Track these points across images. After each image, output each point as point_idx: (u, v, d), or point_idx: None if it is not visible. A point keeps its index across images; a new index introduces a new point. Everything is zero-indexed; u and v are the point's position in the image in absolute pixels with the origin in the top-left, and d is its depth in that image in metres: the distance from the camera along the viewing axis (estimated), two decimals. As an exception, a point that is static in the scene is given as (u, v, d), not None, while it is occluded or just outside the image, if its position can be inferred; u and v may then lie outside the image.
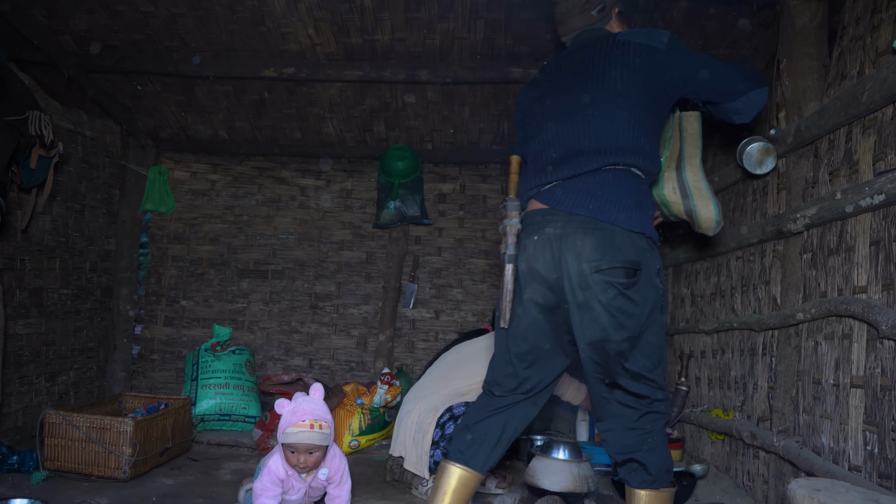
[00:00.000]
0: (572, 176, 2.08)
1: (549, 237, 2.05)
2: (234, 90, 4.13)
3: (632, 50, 2.08)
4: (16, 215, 3.47)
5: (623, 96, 2.07)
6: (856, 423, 2.29)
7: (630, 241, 2.00)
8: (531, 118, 2.30)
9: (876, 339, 2.18)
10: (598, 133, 2.08)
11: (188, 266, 4.88)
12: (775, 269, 2.96)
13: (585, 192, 2.05)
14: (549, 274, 2.06)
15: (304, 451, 2.31)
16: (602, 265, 1.96)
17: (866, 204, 2.21)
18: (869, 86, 2.23)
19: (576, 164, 2.08)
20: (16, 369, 3.55)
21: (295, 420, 2.29)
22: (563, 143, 2.14)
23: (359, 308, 4.85)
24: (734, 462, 3.24)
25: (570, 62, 2.23)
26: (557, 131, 2.16)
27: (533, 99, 2.32)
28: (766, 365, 3.00)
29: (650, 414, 2.07)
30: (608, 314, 1.98)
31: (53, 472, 3.10)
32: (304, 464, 2.32)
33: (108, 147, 4.42)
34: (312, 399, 2.37)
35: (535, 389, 2.22)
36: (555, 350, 2.18)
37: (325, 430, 2.32)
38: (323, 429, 2.31)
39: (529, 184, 2.19)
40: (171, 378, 4.80)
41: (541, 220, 2.09)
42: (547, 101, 2.24)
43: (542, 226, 2.07)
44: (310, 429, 2.27)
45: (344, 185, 4.92)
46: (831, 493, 1.65)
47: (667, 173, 2.41)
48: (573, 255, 2.00)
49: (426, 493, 3.00)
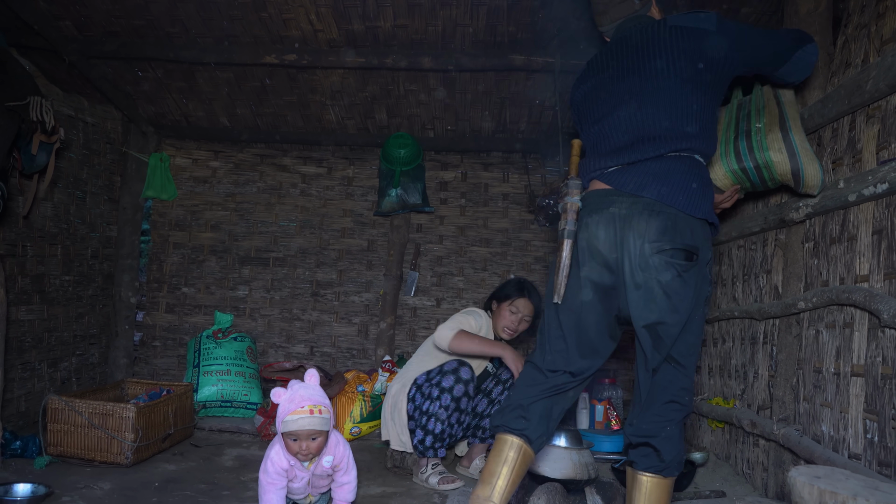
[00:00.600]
0: (638, 161, 2.11)
1: (612, 216, 2.07)
2: (235, 77, 4.11)
3: (686, 35, 2.12)
4: (17, 201, 3.47)
5: (685, 81, 2.10)
6: (856, 411, 2.29)
7: (692, 225, 2.04)
8: (589, 106, 2.31)
9: (877, 328, 2.18)
10: (662, 119, 2.10)
11: (189, 253, 4.88)
12: (777, 257, 2.96)
13: (651, 175, 2.07)
14: (608, 253, 2.08)
15: (307, 438, 2.26)
16: (664, 246, 2.00)
17: (869, 193, 2.21)
18: (873, 74, 2.22)
19: (641, 150, 2.11)
20: (18, 355, 3.57)
21: (293, 407, 2.24)
22: (626, 129, 2.16)
23: (360, 296, 4.86)
24: (734, 450, 3.26)
25: (622, 51, 2.25)
26: (620, 118, 2.18)
27: (587, 91, 2.34)
28: (767, 354, 3.01)
29: (674, 403, 2.09)
30: (665, 296, 2.02)
31: (56, 457, 3.12)
32: (307, 451, 2.28)
33: (110, 133, 4.41)
34: (308, 385, 2.32)
35: (583, 374, 2.19)
36: (602, 333, 2.17)
37: (325, 415, 2.27)
38: (323, 413, 2.26)
39: (591, 166, 2.21)
40: (173, 365, 4.81)
41: (604, 200, 2.11)
42: (605, 90, 2.25)
43: (606, 205, 2.09)
44: (310, 414, 2.23)
45: (345, 173, 4.91)
46: (831, 480, 1.66)
47: (770, 136, 2.53)
48: (636, 235, 2.03)
49: (426, 480, 3.02)
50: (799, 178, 2.51)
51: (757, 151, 2.55)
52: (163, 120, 4.67)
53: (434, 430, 3.01)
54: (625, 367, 4.66)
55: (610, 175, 2.15)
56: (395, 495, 2.90)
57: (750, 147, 2.57)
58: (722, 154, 2.67)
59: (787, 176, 2.54)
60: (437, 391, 3.01)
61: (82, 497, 2.67)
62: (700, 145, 2.11)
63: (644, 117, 2.13)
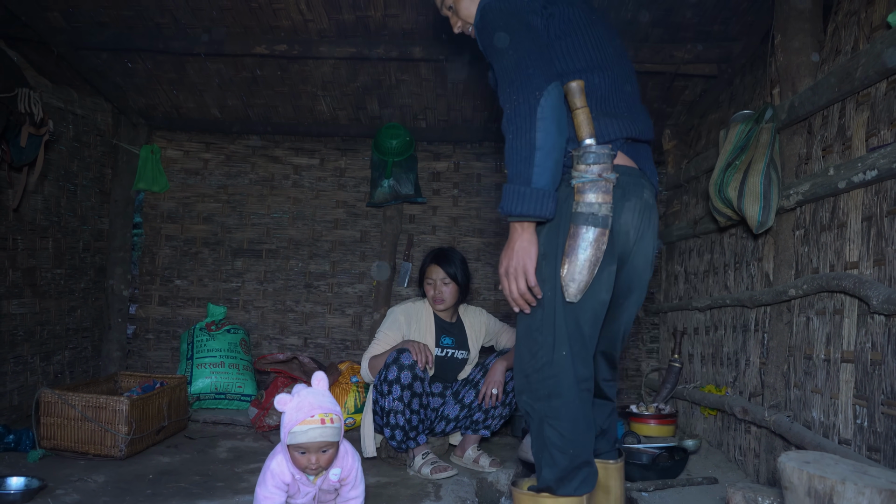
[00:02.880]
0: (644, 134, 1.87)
1: (644, 205, 1.80)
2: (225, 68, 4.09)
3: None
4: (7, 194, 3.45)
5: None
6: (846, 397, 2.31)
7: None
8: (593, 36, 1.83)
9: (867, 314, 2.19)
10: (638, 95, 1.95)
11: (182, 245, 4.86)
12: (768, 245, 2.97)
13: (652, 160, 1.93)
14: (629, 246, 1.81)
15: (317, 451, 2.01)
16: (660, 246, 1.93)
17: (859, 180, 2.22)
18: (863, 61, 2.22)
19: (645, 122, 1.88)
20: (10, 349, 3.56)
21: (302, 416, 1.97)
22: (630, 91, 1.87)
23: (353, 287, 4.86)
24: (726, 437, 3.28)
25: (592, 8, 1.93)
26: (622, 74, 1.86)
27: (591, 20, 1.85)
28: (759, 341, 3.02)
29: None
30: (644, 294, 1.97)
31: (50, 450, 3.11)
32: (317, 464, 2.02)
33: (100, 125, 4.38)
34: (316, 390, 2.05)
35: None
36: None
37: (337, 424, 2.02)
38: (335, 423, 2.00)
39: (609, 130, 1.78)
40: (167, 357, 4.81)
41: (638, 182, 1.79)
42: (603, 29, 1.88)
43: (640, 190, 1.79)
44: (321, 424, 1.97)
45: (337, 164, 4.89)
46: (821, 465, 1.67)
47: (735, 175, 2.76)
48: (653, 231, 1.86)
49: (419, 470, 3.03)
50: (743, 215, 2.79)
51: (724, 187, 2.82)
52: (153, 112, 4.65)
53: (398, 422, 3.05)
54: (618, 355, 4.66)
55: (632, 150, 1.84)
56: (389, 485, 2.90)
57: (723, 181, 2.84)
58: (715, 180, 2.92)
59: (738, 212, 2.84)
60: (386, 387, 3.06)
61: (76, 490, 2.67)
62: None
63: (635, 89, 1.93)
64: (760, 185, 2.67)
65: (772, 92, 2.99)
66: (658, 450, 3.23)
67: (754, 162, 2.73)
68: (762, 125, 2.79)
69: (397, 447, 3.11)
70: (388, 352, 3.17)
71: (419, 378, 3.05)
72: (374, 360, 3.24)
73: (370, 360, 3.27)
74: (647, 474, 2.97)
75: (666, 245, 4.38)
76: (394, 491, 2.82)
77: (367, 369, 3.27)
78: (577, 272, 1.67)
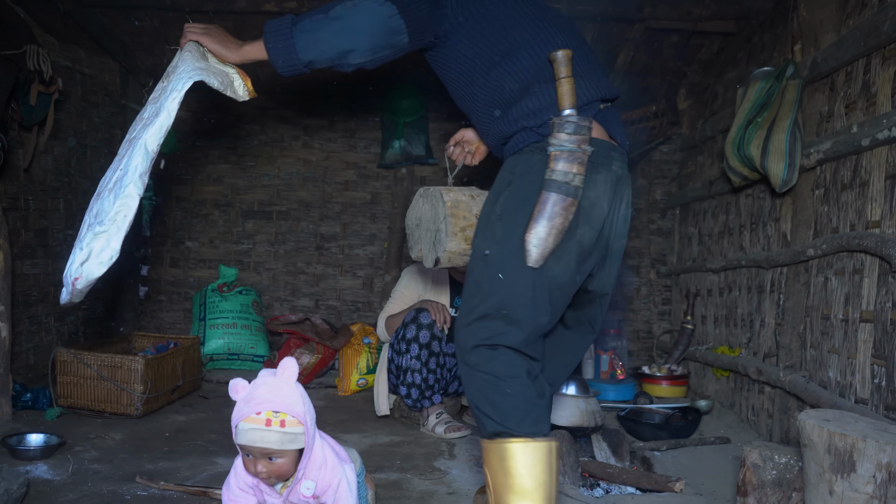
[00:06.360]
0: (610, 100, 1.84)
1: (615, 176, 1.76)
2: (234, 26, 4.01)
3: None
4: (17, 154, 3.42)
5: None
6: (864, 356, 2.30)
7: None
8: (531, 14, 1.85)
9: (888, 274, 2.17)
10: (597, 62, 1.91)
11: (192, 207, 4.85)
12: (786, 205, 2.94)
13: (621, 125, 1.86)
14: (603, 216, 1.76)
15: (261, 457, 1.61)
16: (632, 211, 1.88)
17: (883, 137, 2.17)
18: (891, 14, 2.16)
19: (608, 86, 1.83)
20: (24, 308, 3.57)
21: (248, 412, 1.58)
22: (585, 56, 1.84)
23: (364, 249, 4.85)
24: (739, 398, 3.28)
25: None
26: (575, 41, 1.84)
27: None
28: (774, 302, 3.00)
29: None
30: (618, 265, 1.91)
31: (67, 408, 3.14)
32: (263, 473, 1.63)
33: (108, 85, 4.33)
34: (275, 382, 1.62)
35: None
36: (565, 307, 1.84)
37: (291, 429, 1.59)
38: (286, 426, 1.58)
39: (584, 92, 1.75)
40: (179, 318, 4.83)
41: (609, 154, 1.76)
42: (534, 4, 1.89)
43: (610, 161, 1.75)
44: (264, 426, 1.56)
45: (348, 125, 4.84)
46: (840, 423, 1.66)
47: (758, 132, 2.71)
48: (627, 199, 1.82)
49: (432, 429, 3.05)
50: (766, 173, 2.74)
51: (745, 144, 2.76)
52: (161, 71, 4.56)
53: (414, 381, 3.06)
54: (629, 317, 4.67)
55: (603, 117, 1.80)
56: (403, 444, 2.93)
57: (744, 139, 2.79)
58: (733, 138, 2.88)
59: (760, 170, 2.79)
60: (404, 345, 3.07)
61: (95, 447, 2.70)
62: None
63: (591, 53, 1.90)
64: (786, 142, 2.62)
65: (793, 48, 2.92)
66: (671, 410, 3.24)
67: (779, 119, 2.68)
68: (784, 82, 2.73)
69: (412, 406, 3.12)
70: (406, 311, 3.17)
71: (437, 338, 3.06)
72: (391, 319, 3.24)
73: (387, 319, 3.28)
74: (659, 434, 2.99)
75: (679, 207, 4.34)
76: (408, 450, 2.84)
77: (384, 328, 3.28)
78: (541, 238, 1.65)
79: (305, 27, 1.74)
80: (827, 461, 1.60)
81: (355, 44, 1.75)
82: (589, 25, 3.70)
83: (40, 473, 2.39)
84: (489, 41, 1.81)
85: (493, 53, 1.80)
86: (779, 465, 1.93)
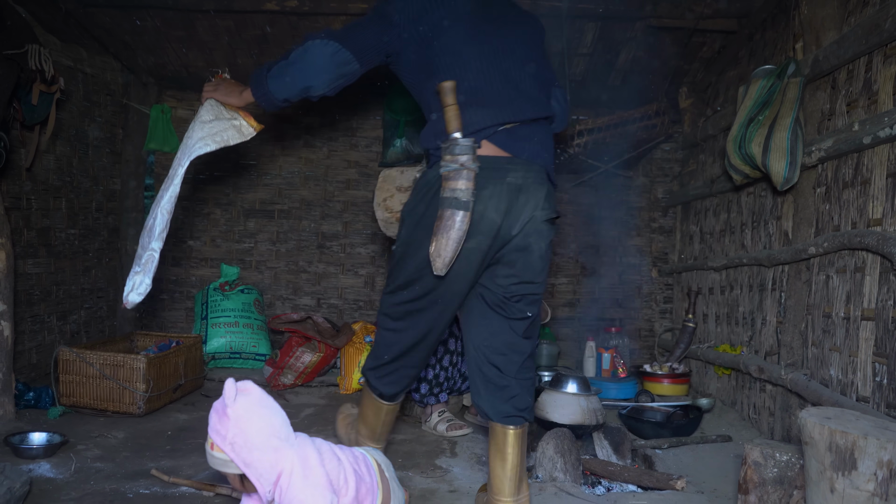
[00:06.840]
0: (523, 121, 2.02)
1: (508, 187, 1.95)
2: (235, 25, 4.02)
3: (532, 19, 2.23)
4: (20, 153, 3.43)
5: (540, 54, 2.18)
6: (865, 355, 2.30)
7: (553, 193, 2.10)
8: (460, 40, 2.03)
9: (889, 272, 2.17)
10: (533, 80, 2.09)
11: (194, 206, 4.85)
12: (787, 204, 2.94)
13: (538, 142, 2.06)
14: (496, 222, 1.96)
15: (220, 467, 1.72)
16: (551, 215, 2.04)
17: (885, 135, 2.17)
18: (893, 12, 2.16)
19: (524, 108, 2.02)
20: (27, 308, 3.58)
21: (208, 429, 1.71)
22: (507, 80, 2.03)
23: (366, 247, 4.85)
24: (740, 396, 3.28)
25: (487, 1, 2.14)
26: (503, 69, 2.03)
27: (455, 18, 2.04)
28: (776, 300, 3.00)
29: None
30: (540, 260, 2.05)
31: (69, 407, 3.15)
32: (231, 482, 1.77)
33: (110, 85, 4.34)
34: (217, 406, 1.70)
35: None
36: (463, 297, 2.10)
37: (220, 455, 1.66)
38: (214, 450, 1.67)
39: (474, 120, 1.95)
40: (181, 318, 4.84)
41: (501, 169, 1.96)
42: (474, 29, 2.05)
43: (503, 175, 1.95)
44: (210, 448, 1.68)
45: (349, 123, 4.85)
46: (842, 420, 1.67)
47: (759, 130, 2.73)
48: (532, 204, 1.99)
49: (434, 427, 3.06)
50: (767, 171, 2.74)
51: (747, 143, 2.77)
52: (163, 71, 4.59)
53: (426, 375, 3.06)
54: (631, 315, 4.67)
55: (503, 137, 1.99)
56: (405, 442, 2.93)
57: (745, 137, 2.79)
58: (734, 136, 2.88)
59: (761, 168, 2.78)
60: None
61: (97, 445, 2.71)
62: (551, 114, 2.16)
63: (520, 73, 2.06)
64: (787, 140, 2.63)
65: (794, 46, 2.92)
66: (672, 408, 3.24)
67: (780, 117, 2.68)
68: (786, 80, 2.73)
69: (419, 401, 3.11)
70: None
71: (455, 336, 3.07)
72: None
73: None
74: (661, 432, 2.99)
75: (681, 205, 4.34)
76: (410, 447, 2.85)
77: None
78: (442, 249, 1.88)
79: (274, 73, 2.08)
80: (828, 459, 1.60)
81: (312, 80, 2.06)
82: (590, 24, 3.71)
83: (43, 472, 2.40)
84: (422, 63, 2.05)
85: (422, 75, 2.06)
86: (780, 463, 1.93)
